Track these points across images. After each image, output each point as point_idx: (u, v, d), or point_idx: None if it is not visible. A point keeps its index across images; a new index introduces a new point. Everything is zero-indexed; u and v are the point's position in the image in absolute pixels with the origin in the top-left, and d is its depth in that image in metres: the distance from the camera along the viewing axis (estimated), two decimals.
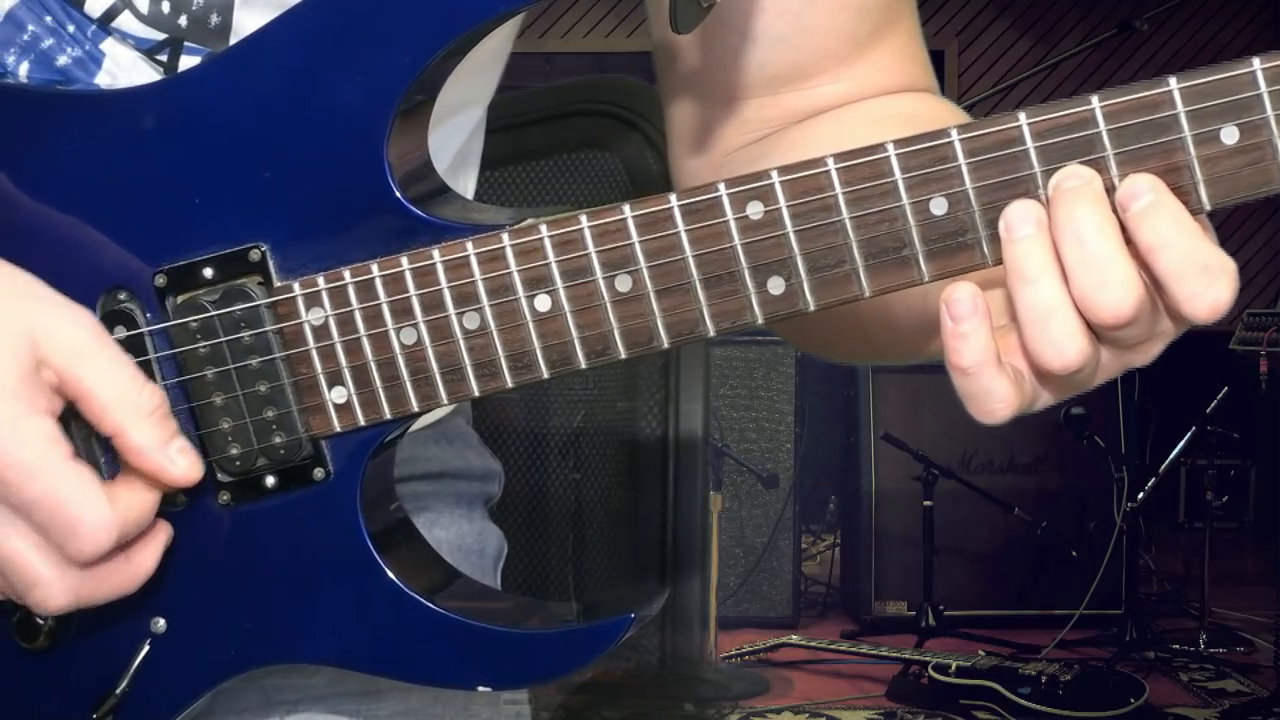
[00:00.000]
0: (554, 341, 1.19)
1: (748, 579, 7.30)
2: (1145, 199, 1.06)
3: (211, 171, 1.25)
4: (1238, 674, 6.70)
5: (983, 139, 1.10)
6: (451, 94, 1.36)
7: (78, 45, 1.32)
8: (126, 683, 1.29)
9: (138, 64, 1.33)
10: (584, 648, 1.26)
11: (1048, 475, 7.28)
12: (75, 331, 1.19)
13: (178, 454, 1.21)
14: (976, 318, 1.09)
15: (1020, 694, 5.97)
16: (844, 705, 6.33)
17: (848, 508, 7.73)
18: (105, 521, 1.17)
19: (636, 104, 2.11)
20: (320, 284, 1.23)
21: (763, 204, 1.14)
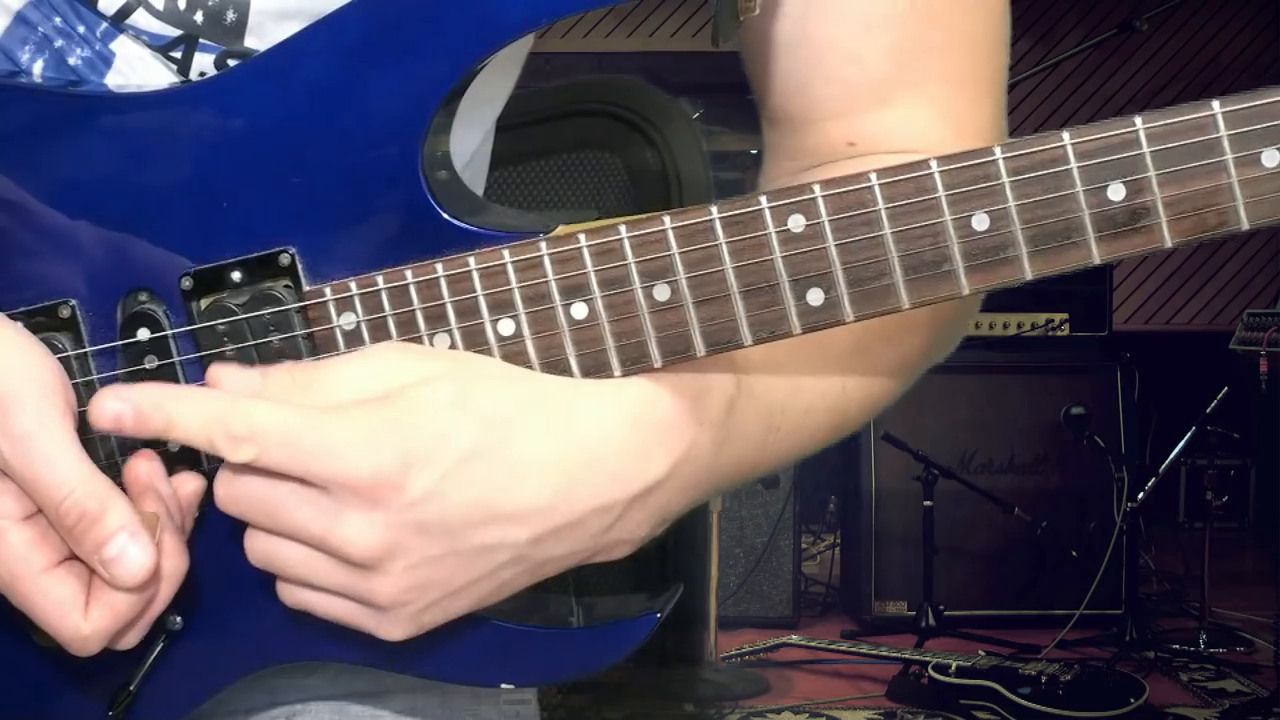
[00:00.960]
0: (590, 349, 1.19)
1: (748, 579, 7.30)
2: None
3: (241, 175, 1.25)
4: (1238, 674, 6.70)
5: (1027, 158, 1.10)
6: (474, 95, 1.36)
7: (87, 45, 1.32)
8: (141, 679, 1.29)
9: (150, 62, 1.32)
10: (609, 647, 1.27)
11: (1048, 475, 7.28)
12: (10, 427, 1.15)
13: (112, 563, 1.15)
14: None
15: (1020, 694, 5.97)
16: (844, 705, 6.33)
17: (848, 508, 7.73)
18: (80, 640, 1.17)
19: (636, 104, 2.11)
20: (353, 289, 1.22)
21: (804, 217, 1.14)
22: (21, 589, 1.16)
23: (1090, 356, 7.43)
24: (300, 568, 1.17)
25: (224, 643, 1.30)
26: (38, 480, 1.14)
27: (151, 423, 1.12)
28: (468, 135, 1.45)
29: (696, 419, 1.22)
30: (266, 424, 1.11)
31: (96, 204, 1.26)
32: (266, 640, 1.30)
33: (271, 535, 1.17)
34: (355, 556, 1.14)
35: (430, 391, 1.14)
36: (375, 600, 1.16)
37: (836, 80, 1.38)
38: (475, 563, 1.17)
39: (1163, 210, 1.09)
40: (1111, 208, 1.09)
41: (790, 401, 1.33)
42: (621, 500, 1.19)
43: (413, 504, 1.13)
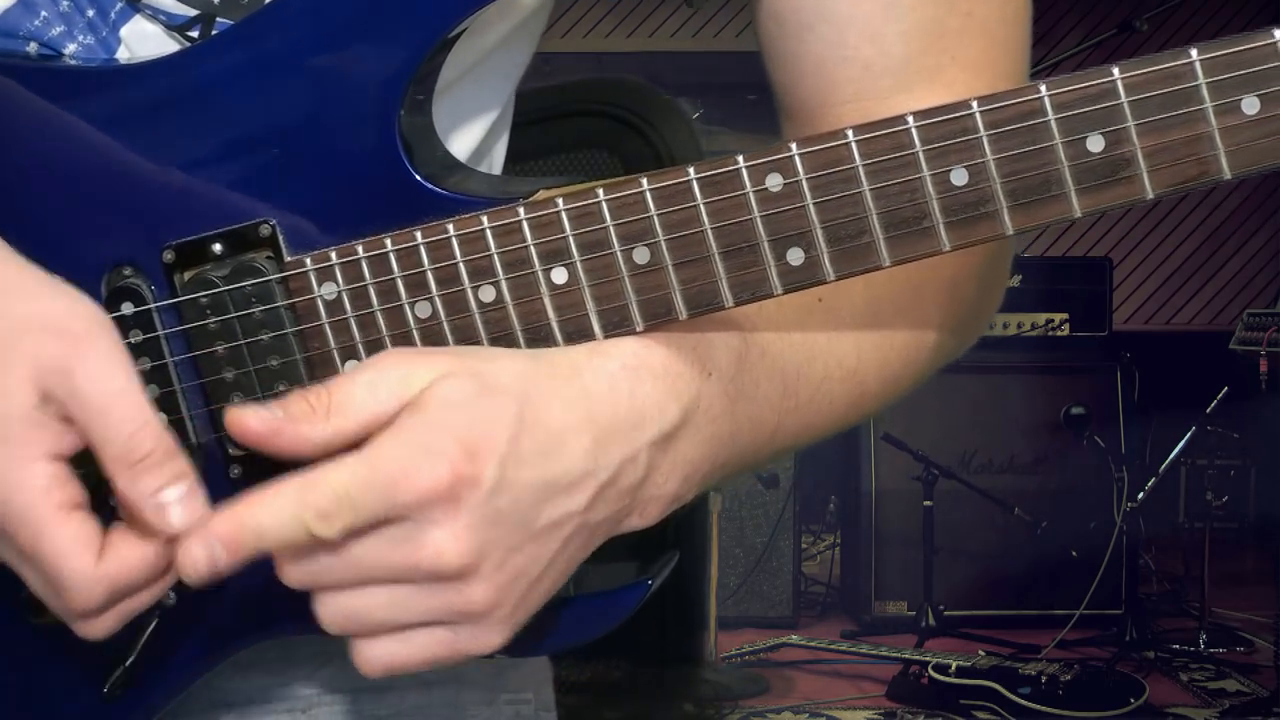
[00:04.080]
0: (571, 314, 1.18)
1: (748, 579, 7.30)
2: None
3: (221, 146, 1.25)
4: (1238, 674, 6.70)
5: (1004, 110, 1.10)
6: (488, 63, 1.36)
7: (92, 32, 1.31)
8: (136, 655, 1.28)
9: (164, 43, 1.32)
10: (600, 616, 1.26)
11: (1048, 475, 7.28)
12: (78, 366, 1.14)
13: (172, 504, 1.14)
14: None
15: (1020, 694, 5.98)
16: (844, 705, 6.34)
17: (848, 508, 7.74)
18: (87, 581, 1.13)
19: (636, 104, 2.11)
20: (333, 258, 1.22)
21: (782, 176, 1.13)
22: (35, 522, 1.13)
23: (1090, 356, 7.43)
24: (386, 610, 1.15)
25: (218, 619, 1.30)
26: (114, 407, 1.13)
27: (244, 549, 1.11)
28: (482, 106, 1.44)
29: (701, 367, 1.22)
30: (344, 484, 1.10)
31: (79, 179, 1.26)
32: (263, 616, 1.30)
33: (346, 592, 1.15)
34: (449, 567, 1.12)
35: (451, 386, 1.13)
36: (473, 609, 1.15)
37: (855, 61, 1.37)
38: (546, 544, 1.17)
39: (1143, 161, 1.08)
40: (1091, 159, 1.09)
41: (806, 368, 1.31)
42: (644, 447, 1.18)
43: (488, 496, 1.12)
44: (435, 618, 1.15)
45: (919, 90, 1.36)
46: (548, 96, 2.12)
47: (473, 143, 1.42)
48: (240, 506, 1.11)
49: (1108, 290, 7.75)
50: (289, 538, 1.11)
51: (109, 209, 1.25)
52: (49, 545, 1.13)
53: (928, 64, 1.37)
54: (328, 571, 1.14)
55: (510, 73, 1.46)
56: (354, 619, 1.15)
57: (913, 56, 1.37)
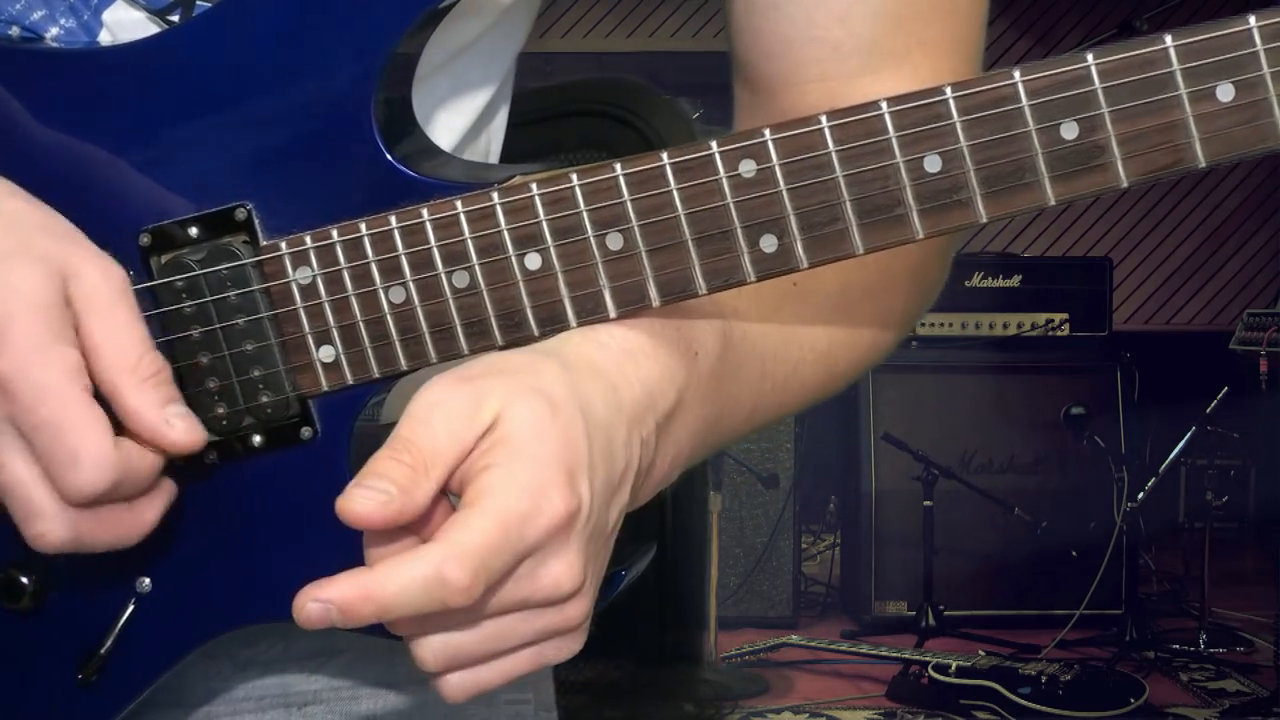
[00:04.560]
0: (544, 300, 1.18)
1: (748, 579, 7.30)
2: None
3: (197, 129, 1.24)
4: (1238, 674, 6.70)
5: (977, 97, 1.09)
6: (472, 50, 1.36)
7: (74, 16, 1.31)
8: (112, 642, 1.28)
9: (145, 26, 1.31)
10: None
11: (1048, 475, 7.28)
12: (102, 283, 1.19)
13: (175, 418, 1.19)
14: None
15: (1020, 694, 5.97)
16: (844, 705, 6.33)
17: (848, 508, 7.73)
18: (106, 458, 1.15)
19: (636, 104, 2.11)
20: (307, 242, 1.22)
21: (755, 162, 1.13)
22: (64, 396, 1.15)
23: (1090, 356, 7.42)
24: (492, 643, 1.14)
25: (193, 605, 1.29)
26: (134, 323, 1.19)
27: (362, 619, 1.09)
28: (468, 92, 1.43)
29: (688, 348, 1.22)
30: (477, 551, 1.08)
31: (58, 162, 1.26)
32: (237, 602, 1.29)
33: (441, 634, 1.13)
34: (565, 594, 1.12)
35: (526, 412, 1.11)
36: (570, 625, 1.15)
37: (823, 42, 1.37)
38: (610, 542, 1.19)
39: (1117, 148, 1.08)
40: (1065, 146, 1.08)
41: (782, 351, 1.32)
42: (652, 429, 1.19)
43: (588, 517, 1.12)
44: (536, 639, 1.15)
45: (885, 73, 1.36)
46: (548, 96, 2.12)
47: (459, 129, 1.42)
48: (367, 578, 1.09)
49: (1108, 290, 7.74)
50: (418, 610, 1.09)
51: (87, 192, 1.25)
52: (75, 417, 1.15)
53: (895, 46, 1.37)
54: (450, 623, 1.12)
55: (497, 59, 1.45)
56: (459, 656, 1.14)
57: (880, 38, 1.36)
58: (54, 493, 1.16)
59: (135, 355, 1.18)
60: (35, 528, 1.17)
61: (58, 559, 1.27)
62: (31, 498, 1.16)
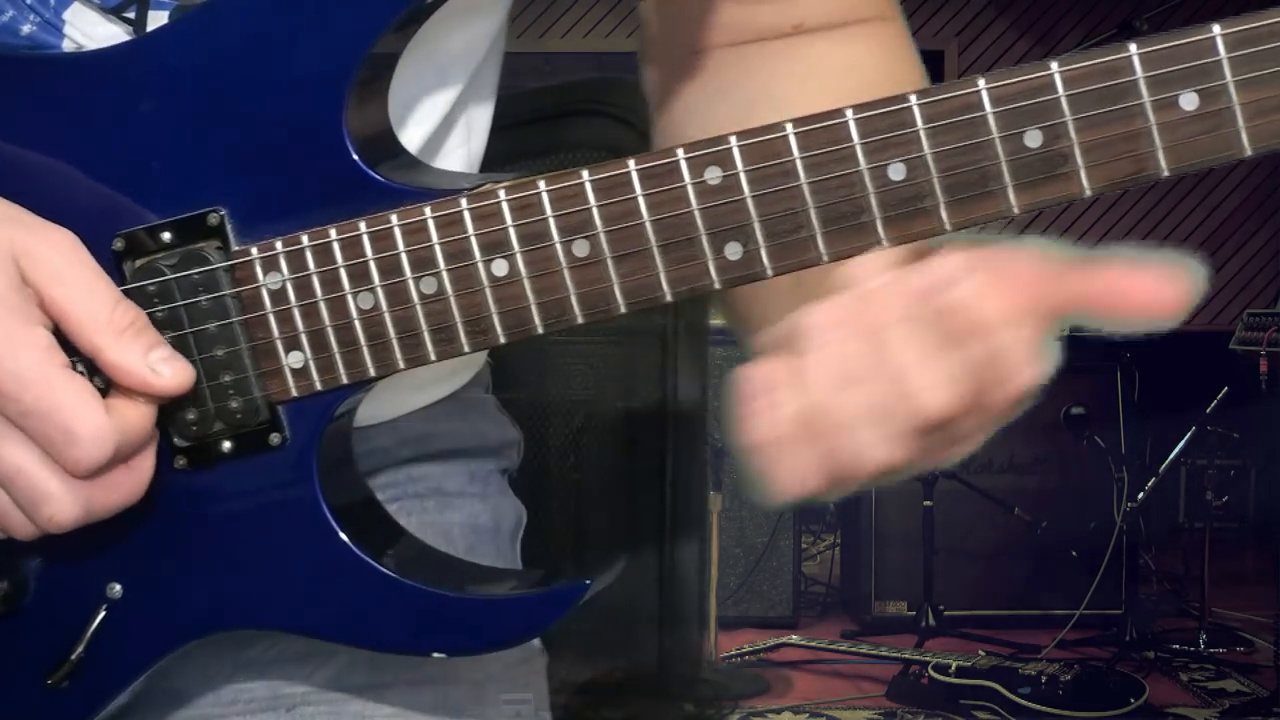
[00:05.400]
0: (511, 307, 1.18)
1: (748, 579, 7.29)
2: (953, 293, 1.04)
3: (171, 135, 1.25)
4: (1238, 674, 6.69)
5: (941, 104, 1.09)
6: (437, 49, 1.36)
7: (37, 14, 1.31)
8: (83, 648, 1.28)
9: (104, 29, 1.32)
10: (539, 614, 1.26)
11: (1048, 475, 7.27)
12: (51, 254, 1.19)
13: (160, 364, 1.20)
14: (764, 398, 1.07)
15: (1020, 694, 5.97)
16: (844, 705, 6.33)
17: (848, 508, 7.71)
18: (102, 429, 1.16)
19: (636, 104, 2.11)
20: (278, 248, 1.22)
21: (721, 169, 1.13)
22: (46, 378, 1.16)
23: (1090, 356, 7.40)
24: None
25: (164, 611, 1.30)
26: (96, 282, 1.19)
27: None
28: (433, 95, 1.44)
29: None
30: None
31: (32, 168, 1.26)
32: (208, 608, 1.30)
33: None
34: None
35: None
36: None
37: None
38: None
39: (1080, 157, 1.07)
40: (1028, 155, 1.08)
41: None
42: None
43: None
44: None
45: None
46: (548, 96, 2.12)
47: (426, 130, 1.42)
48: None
49: None
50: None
51: (61, 198, 1.25)
52: (62, 397, 1.16)
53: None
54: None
55: (464, 59, 1.45)
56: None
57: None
58: (56, 472, 1.17)
59: (106, 312, 1.19)
60: (44, 511, 1.17)
61: (28, 564, 1.27)
62: (35, 482, 1.17)
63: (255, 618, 1.29)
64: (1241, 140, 1.05)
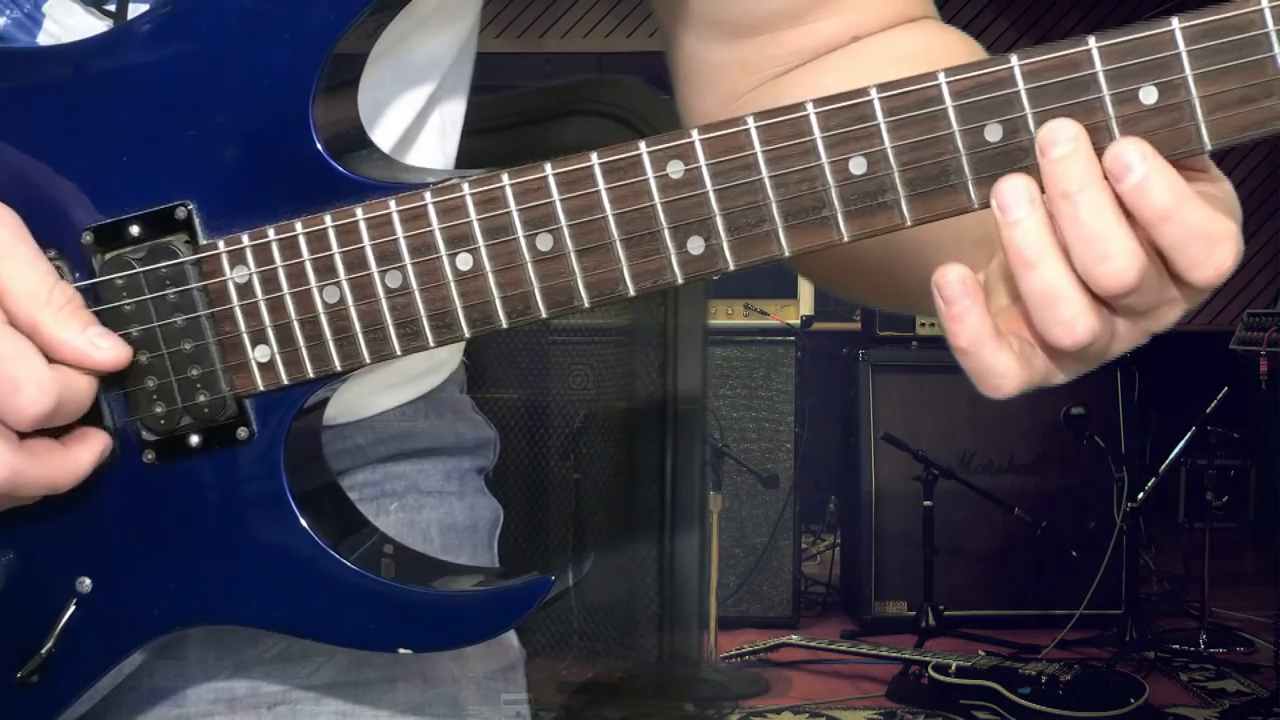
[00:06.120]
0: (475, 300, 1.18)
1: (748, 579, 7.30)
2: (1138, 172, 1.04)
3: (139, 128, 1.25)
4: (1238, 674, 6.69)
5: (902, 98, 1.09)
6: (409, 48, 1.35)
7: (16, 7, 1.32)
8: (53, 643, 1.28)
9: (84, 21, 1.32)
10: (504, 610, 1.26)
11: (1048, 475, 7.28)
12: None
13: (98, 338, 1.21)
14: (967, 299, 1.07)
15: (1020, 694, 5.96)
16: (844, 705, 6.33)
17: (848, 508, 7.73)
18: (46, 377, 1.17)
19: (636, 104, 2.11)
20: (245, 241, 1.22)
21: (683, 162, 1.13)
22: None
23: None
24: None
25: (134, 606, 1.30)
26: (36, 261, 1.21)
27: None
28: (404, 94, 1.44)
29: None
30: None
31: (4, 161, 1.26)
32: (177, 603, 1.30)
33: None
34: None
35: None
36: None
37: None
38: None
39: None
40: (989, 149, 1.08)
41: None
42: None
43: None
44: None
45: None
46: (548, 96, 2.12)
47: (400, 129, 1.42)
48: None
49: None
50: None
51: (30, 190, 1.26)
52: (6, 348, 1.18)
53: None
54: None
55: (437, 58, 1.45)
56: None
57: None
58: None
59: (45, 289, 1.20)
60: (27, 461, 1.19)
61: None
62: (13, 414, 1.17)
63: (224, 612, 1.29)
64: (1202, 134, 1.05)
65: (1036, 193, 1.06)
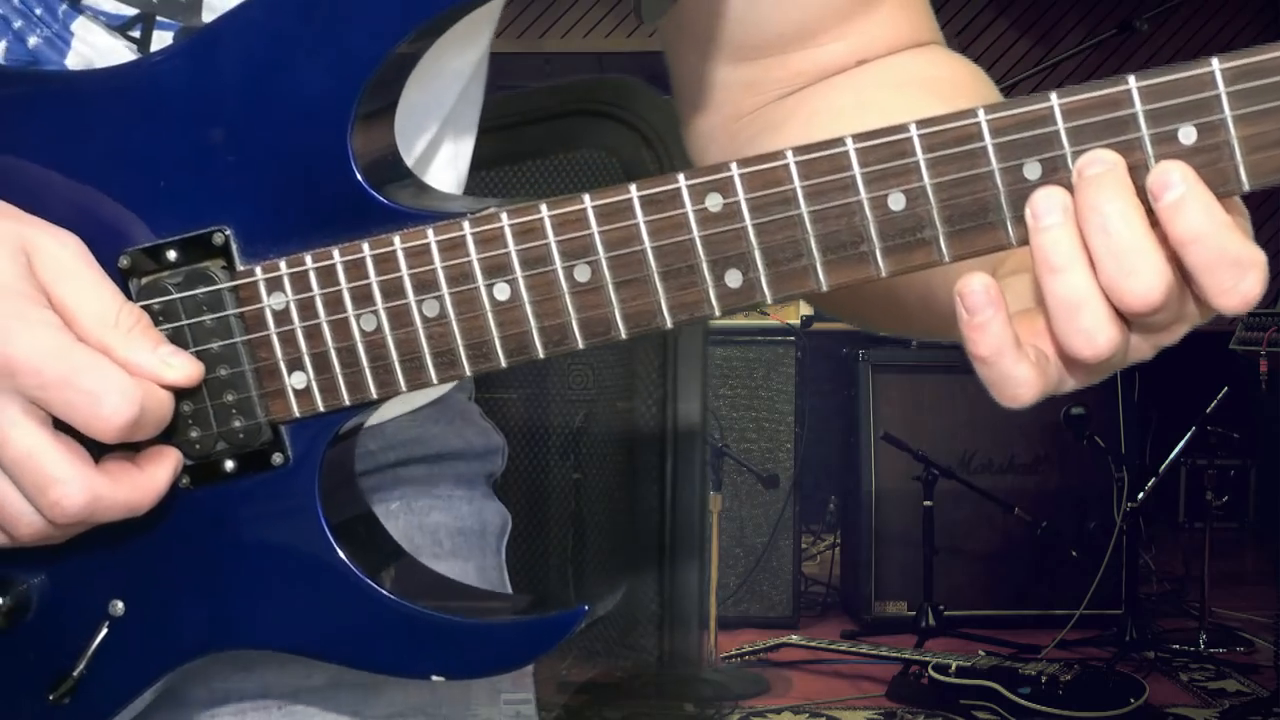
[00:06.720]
0: (512, 330, 1.19)
1: (748, 579, 7.29)
2: (1176, 191, 1.05)
3: (177, 154, 1.25)
4: (1238, 674, 6.68)
5: (942, 135, 1.09)
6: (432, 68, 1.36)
7: (46, 26, 1.32)
8: (85, 665, 1.29)
9: (110, 42, 1.33)
10: (537, 640, 1.27)
11: (1048, 475, 7.27)
12: (61, 251, 1.21)
13: (170, 356, 1.21)
14: (990, 308, 1.08)
15: (1020, 694, 5.96)
16: (844, 705, 6.32)
17: (848, 508, 7.72)
18: (129, 385, 1.18)
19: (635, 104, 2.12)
20: (282, 268, 1.23)
21: (722, 196, 1.13)
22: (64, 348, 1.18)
23: None
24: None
25: (166, 630, 1.30)
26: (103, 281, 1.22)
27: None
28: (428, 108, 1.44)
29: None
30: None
31: (42, 185, 1.27)
32: (209, 628, 1.30)
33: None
34: None
35: None
36: None
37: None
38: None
39: None
40: (1027, 185, 1.08)
41: None
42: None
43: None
44: None
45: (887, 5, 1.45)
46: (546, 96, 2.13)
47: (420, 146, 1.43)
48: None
49: None
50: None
51: (68, 214, 1.26)
52: (83, 361, 1.18)
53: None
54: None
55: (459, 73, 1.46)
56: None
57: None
58: (66, 456, 1.18)
59: (113, 311, 1.20)
60: (51, 494, 1.18)
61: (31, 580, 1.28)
62: (44, 465, 1.17)
63: (256, 637, 1.30)
64: (1240, 175, 1.05)
65: (1070, 204, 1.07)
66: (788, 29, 1.45)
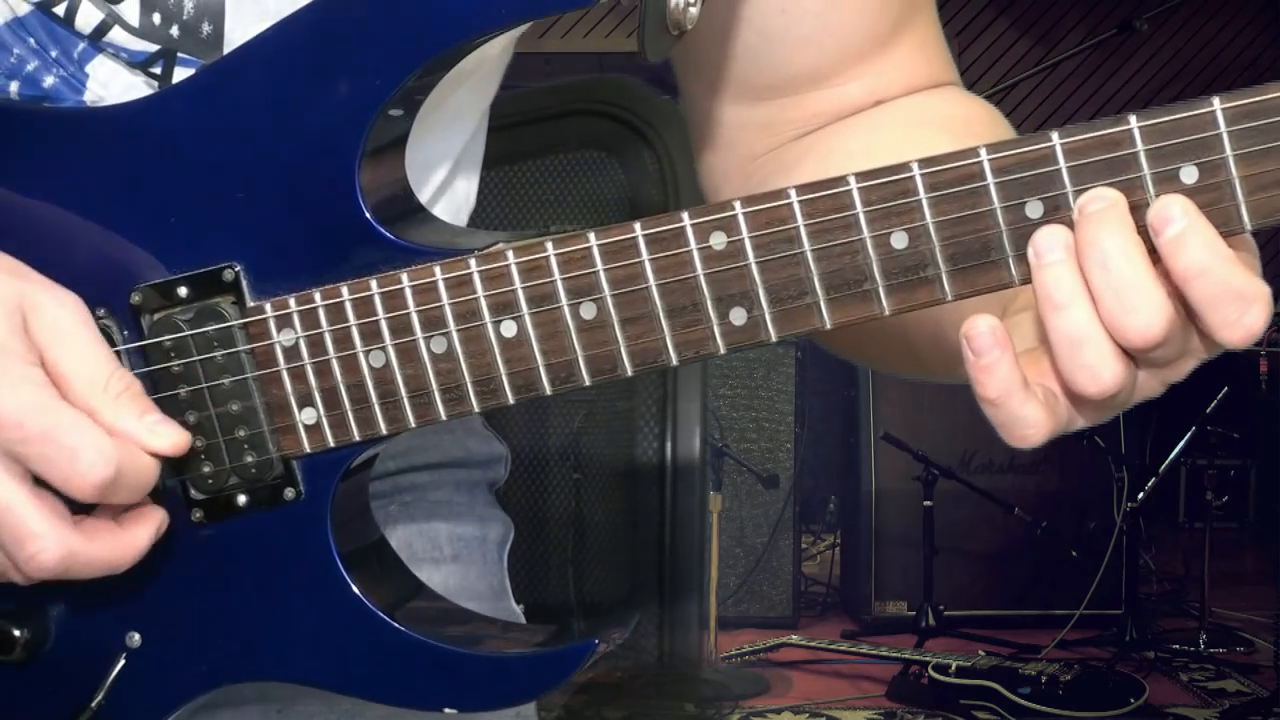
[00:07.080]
0: (520, 368, 1.20)
1: (748, 579, 7.29)
2: (1177, 225, 1.05)
3: (188, 190, 1.26)
4: (1238, 674, 6.68)
5: (944, 174, 1.10)
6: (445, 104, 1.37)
7: (61, 68, 1.33)
8: (102, 696, 1.30)
9: (128, 80, 1.34)
10: (550, 671, 1.27)
11: (1048, 475, 7.26)
12: (59, 311, 1.21)
13: (157, 425, 1.21)
14: (997, 350, 1.08)
15: (1020, 694, 5.96)
16: (844, 705, 6.32)
17: (848, 508, 7.71)
18: (106, 445, 1.17)
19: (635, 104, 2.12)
20: (291, 305, 1.24)
21: (726, 234, 1.14)
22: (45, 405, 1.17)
23: None
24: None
25: (181, 662, 1.31)
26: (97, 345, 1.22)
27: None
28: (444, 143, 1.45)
29: None
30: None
31: (55, 221, 1.28)
32: (222, 660, 1.31)
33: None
34: None
35: None
36: None
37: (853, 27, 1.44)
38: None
39: None
40: (1029, 224, 1.09)
41: None
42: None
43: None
44: None
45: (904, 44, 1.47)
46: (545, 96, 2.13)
47: (435, 184, 1.44)
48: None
49: None
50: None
51: (80, 250, 1.27)
52: (64, 419, 1.17)
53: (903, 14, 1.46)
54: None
55: (471, 113, 1.47)
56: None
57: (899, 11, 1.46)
58: (42, 511, 1.18)
59: (105, 375, 1.21)
60: (27, 549, 1.18)
61: (49, 612, 1.29)
62: (21, 519, 1.18)
63: (270, 669, 1.31)
64: (1242, 215, 1.06)
65: (1072, 242, 1.08)
66: (803, 70, 1.45)
